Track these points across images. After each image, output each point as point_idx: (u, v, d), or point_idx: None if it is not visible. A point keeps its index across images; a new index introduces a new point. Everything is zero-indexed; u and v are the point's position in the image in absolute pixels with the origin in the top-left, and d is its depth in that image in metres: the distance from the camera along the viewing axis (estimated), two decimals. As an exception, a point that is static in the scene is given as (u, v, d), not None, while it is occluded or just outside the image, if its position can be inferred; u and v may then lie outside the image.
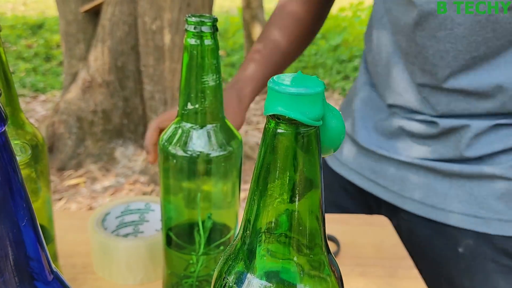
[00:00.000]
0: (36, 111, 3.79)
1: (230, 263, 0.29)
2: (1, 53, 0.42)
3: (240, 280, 0.28)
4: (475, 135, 0.67)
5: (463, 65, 0.64)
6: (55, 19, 7.67)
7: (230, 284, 0.28)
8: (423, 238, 0.73)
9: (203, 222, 0.50)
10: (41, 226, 0.36)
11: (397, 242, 0.67)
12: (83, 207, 2.15)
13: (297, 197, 0.27)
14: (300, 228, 0.27)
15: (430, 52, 0.66)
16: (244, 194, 1.99)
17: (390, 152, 0.74)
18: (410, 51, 0.69)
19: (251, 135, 3.11)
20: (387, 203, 0.77)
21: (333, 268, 0.29)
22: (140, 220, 0.65)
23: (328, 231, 0.66)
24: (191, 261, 0.49)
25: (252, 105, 3.80)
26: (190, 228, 0.50)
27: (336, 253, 0.64)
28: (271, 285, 0.27)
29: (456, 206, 0.69)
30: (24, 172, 0.45)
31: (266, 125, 0.26)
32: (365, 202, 0.80)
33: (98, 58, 2.29)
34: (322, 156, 0.28)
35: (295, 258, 0.27)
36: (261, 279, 0.27)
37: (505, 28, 0.61)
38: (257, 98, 3.97)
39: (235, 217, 0.51)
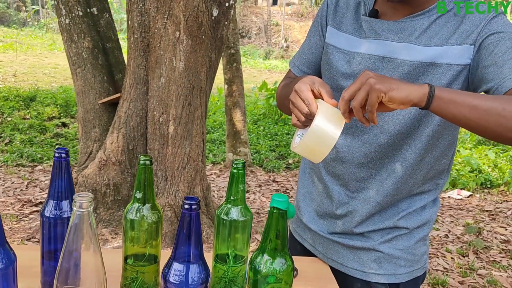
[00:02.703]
0: (40, 180, 4.26)
1: (255, 254, 0.85)
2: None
3: (260, 261, 0.84)
4: (361, 219, 1.22)
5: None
6: (45, 92, 8.25)
7: (257, 261, 0.84)
8: (339, 283, 1.24)
9: (230, 253, 1.05)
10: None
11: (327, 271, 1.22)
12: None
13: (280, 235, 0.83)
14: (279, 245, 0.84)
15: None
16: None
17: (319, 230, 1.30)
18: None
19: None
20: None
21: (292, 260, 0.86)
22: None
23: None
24: (225, 270, 1.04)
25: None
26: (225, 255, 1.05)
27: (295, 275, 1.19)
28: (271, 259, 0.84)
29: (352, 264, 1.24)
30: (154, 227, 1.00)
31: (270, 209, 0.83)
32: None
33: (114, 142, 2.85)
34: (288, 219, 0.85)
35: (279, 254, 0.84)
36: (266, 261, 0.84)
37: None
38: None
39: (247, 251, 1.06)
